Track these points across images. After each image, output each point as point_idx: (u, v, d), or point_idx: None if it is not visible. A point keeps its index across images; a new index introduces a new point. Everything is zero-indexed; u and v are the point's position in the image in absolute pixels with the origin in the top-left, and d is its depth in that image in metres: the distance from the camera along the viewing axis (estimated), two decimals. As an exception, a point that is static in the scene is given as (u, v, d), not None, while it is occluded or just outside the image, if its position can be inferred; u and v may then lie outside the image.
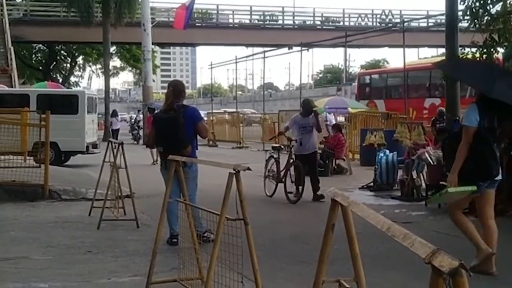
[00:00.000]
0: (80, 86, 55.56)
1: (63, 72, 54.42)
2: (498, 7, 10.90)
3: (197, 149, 7.75)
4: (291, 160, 11.60)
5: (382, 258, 6.63)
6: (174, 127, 7.29)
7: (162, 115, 7.69)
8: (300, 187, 11.21)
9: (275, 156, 12.31)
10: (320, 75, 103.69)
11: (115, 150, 8.74)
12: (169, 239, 7.25)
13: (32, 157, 12.73)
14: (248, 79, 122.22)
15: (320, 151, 16.18)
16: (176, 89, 7.60)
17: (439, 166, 10.79)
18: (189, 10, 34.51)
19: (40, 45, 50.63)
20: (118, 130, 33.64)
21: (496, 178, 6.08)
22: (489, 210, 6.30)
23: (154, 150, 19.59)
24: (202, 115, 9.57)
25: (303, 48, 31.50)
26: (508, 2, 10.90)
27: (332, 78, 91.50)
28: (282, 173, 11.74)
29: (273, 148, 12.85)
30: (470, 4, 10.64)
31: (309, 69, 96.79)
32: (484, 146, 5.91)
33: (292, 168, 11.47)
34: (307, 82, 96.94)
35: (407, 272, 6.01)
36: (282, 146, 13.01)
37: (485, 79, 6.20)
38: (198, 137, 7.73)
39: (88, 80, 71.97)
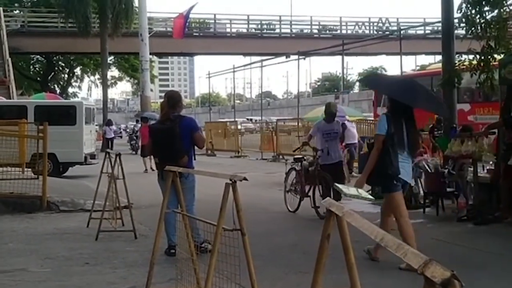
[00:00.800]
0: (78, 97, 55.60)
1: (61, 83, 54.45)
2: (494, 14, 10.95)
3: (194, 159, 7.76)
4: (317, 172, 10.60)
5: (379, 266, 6.63)
6: (170, 138, 7.31)
7: (158, 126, 7.73)
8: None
9: (297, 168, 11.43)
10: (318, 83, 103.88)
11: (112, 161, 8.74)
12: (167, 249, 7.25)
13: (30, 169, 12.73)
14: (246, 88, 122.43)
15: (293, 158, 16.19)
16: (171, 100, 7.62)
17: (437, 173, 10.81)
18: (186, 19, 34.70)
19: (38, 56, 50.72)
20: (112, 139, 33.56)
21: (401, 182, 6.75)
22: (402, 209, 6.94)
23: (147, 158, 20.04)
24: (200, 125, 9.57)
25: (300, 57, 31.58)
26: (503, 9, 10.95)
27: (330, 86, 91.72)
28: (306, 187, 10.86)
29: (295, 159, 12.01)
30: (466, 11, 10.69)
31: (307, 77, 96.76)
32: (389, 153, 6.59)
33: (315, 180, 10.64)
34: (305, 90, 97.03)
35: (403, 280, 6.00)
36: (305, 158, 11.76)
37: (407, 92, 6.94)
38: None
39: (88, 91, 72.15)
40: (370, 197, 5.77)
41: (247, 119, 32.90)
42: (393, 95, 6.99)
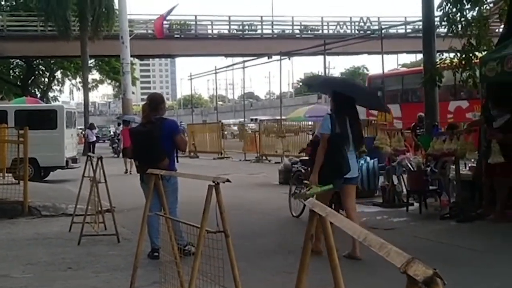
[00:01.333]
0: (59, 101, 55.18)
1: (42, 87, 54.01)
2: (474, 12, 11.04)
3: (177, 161, 7.72)
4: None
5: (364, 264, 6.63)
6: (150, 140, 7.28)
7: (138, 129, 7.76)
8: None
9: (303, 171, 10.77)
10: (301, 84, 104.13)
11: (94, 165, 8.68)
12: (150, 253, 7.20)
13: (11, 174, 12.61)
14: (229, 89, 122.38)
15: (299, 160, 16.21)
16: (153, 102, 7.62)
17: (420, 171, 10.87)
18: (165, 19, 34.70)
19: (18, 60, 50.21)
20: (94, 142, 33.43)
21: (349, 176, 7.12)
22: (350, 202, 7.35)
23: (128, 160, 20.23)
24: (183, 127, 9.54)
25: (282, 57, 31.59)
26: (483, 7, 11.05)
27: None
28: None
29: (302, 161, 11.23)
30: (447, 10, 10.76)
31: (289, 78, 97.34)
32: (336, 150, 6.99)
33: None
34: (287, 91, 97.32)
35: (389, 278, 6.00)
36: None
37: (349, 88, 7.62)
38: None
39: (70, 94, 71.69)
40: (329, 187, 6.33)
41: (252, 119, 32.28)
42: (336, 88, 7.53)
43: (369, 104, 8.93)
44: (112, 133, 40.42)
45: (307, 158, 10.38)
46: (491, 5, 11.77)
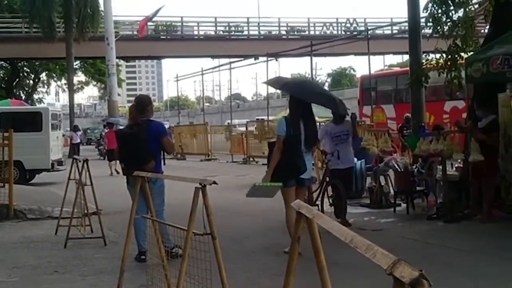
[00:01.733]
0: (44, 103, 54.85)
1: (26, 89, 53.73)
2: (460, 13, 11.10)
3: (164, 164, 7.69)
4: (327, 179, 9.81)
5: (352, 266, 6.62)
6: (136, 142, 7.25)
7: (124, 131, 7.76)
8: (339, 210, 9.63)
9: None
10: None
11: (80, 167, 8.62)
12: (137, 255, 7.16)
13: (-4, 177, 12.49)
14: (215, 91, 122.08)
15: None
16: (139, 104, 7.59)
17: (407, 172, 10.90)
18: (150, 20, 34.68)
19: (2, 62, 49.91)
20: (78, 144, 33.26)
21: (304, 176, 7.45)
22: (302, 200, 7.27)
23: (112, 162, 20.60)
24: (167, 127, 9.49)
25: (269, 58, 31.60)
26: (469, 8, 11.11)
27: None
28: (314, 195, 9.93)
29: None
30: (432, 11, 10.81)
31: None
32: (291, 150, 7.31)
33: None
34: (274, 92, 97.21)
35: (376, 280, 6.00)
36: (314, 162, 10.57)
37: (304, 90, 7.94)
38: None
39: (56, 96, 71.30)
40: (279, 184, 7.02)
41: (257, 119, 31.70)
42: (292, 92, 7.95)
43: (325, 105, 9.04)
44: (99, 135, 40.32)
45: None
46: (476, 6, 11.84)
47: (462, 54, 10.96)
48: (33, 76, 52.90)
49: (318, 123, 9.14)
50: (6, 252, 8.12)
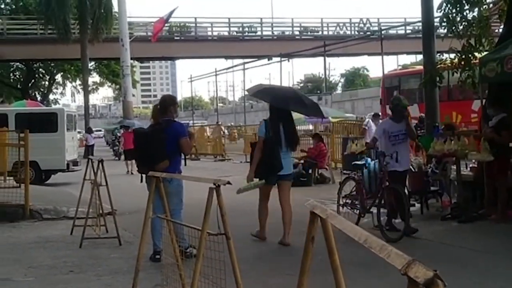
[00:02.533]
0: (59, 104, 55.22)
1: (42, 90, 54.10)
2: (475, 12, 11.04)
3: (185, 164, 7.76)
4: (387, 182, 8.68)
5: (366, 266, 6.62)
6: (150, 141, 7.32)
7: (141, 130, 7.87)
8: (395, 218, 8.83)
9: (356, 177, 9.67)
10: (301, 85, 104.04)
11: (95, 167, 8.67)
12: (152, 255, 7.19)
13: (12, 177, 12.60)
14: (229, 91, 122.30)
15: (302, 161, 16.21)
16: (161, 104, 7.70)
17: (421, 172, 10.86)
18: (166, 22, 34.71)
19: (18, 64, 50.30)
20: (93, 145, 33.57)
21: (283, 173, 8.17)
22: (283, 196, 8.40)
23: (129, 161, 21.63)
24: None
25: (282, 59, 31.64)
26: (483, 7, 11.06)
27: (312, 87, 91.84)
28: (367, 200, 9.28)
29: (355, 166, 10.20)
30: (446, 11, 10.76)
31: (290, 79, 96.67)
32: (269, 150, 8.04)
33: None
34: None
35: (390, 280, 6.00)
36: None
37: (283, 99, 8.57)
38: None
39: (72, 97, 71.69)
40: (261, 182, 7.73)
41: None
42: (269, 100, 8.74)
43: (306, 112, 10.06)
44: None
45: (361, 163, 10.03)
46: (491, 5, 11.78)
47: (476, 54, 10.89)
48: (48, 77, 53.25)
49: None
50: (22, 252, 8.18)
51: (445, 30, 11.17)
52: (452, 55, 11.33)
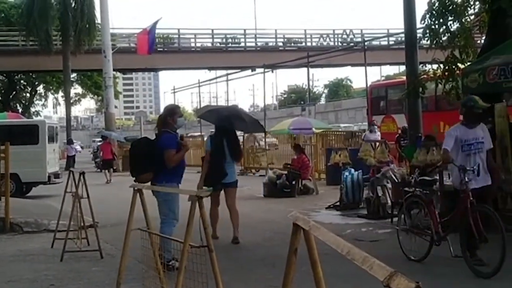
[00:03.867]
0: (41, 116, 54.82)
1: (23, 102, 53.66)
2: (457, 24, 11.11)
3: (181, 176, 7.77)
4: (470, 203, 6.91)
5: (350, 277, 6.59)
6: (137, 153, 7.64)
7: (133, 143, 8.23)
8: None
9: (424, 197, 7.88)
10: (285, 96, 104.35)
11: (76, 180, 8.59)
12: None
13: (-8, 190, 12.43)
14: (213, 102, 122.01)
15: (285, 172, 16.21)
16: (161, 115, 8.04)
17: (404, 183, 10.88)
18: (151, 35, 34.54)
19: (-1, 75, 49.91)
20: (73, 156, 33.83)
21: (227, 181, 9.32)
22: (230, 201, 9.50)
23: (107, 171, 23.58)
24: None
25: (266, 70, 31.65)
26: (464, 19, 11.13)
27: (296, 98, 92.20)
28: (437, 225, 7.46)
29: (423, 183, 8.30)
30: (429, 22, 10.82)
31: (273, 90, 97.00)
32: (214, 162, 9.25)
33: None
34: (271, 103, 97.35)
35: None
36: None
37: (224, 119, 9.83)
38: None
39: (54, 108, 71.23)
40: (210, 189, 8.01)
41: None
42: (215, 123, 10.18)
43: (246, 128, 11.77)
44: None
45: (430, 179, 8.59)
46: (472, 16, 11.87)
47: (460, 65, 10.96)
48: (30, 89, 52.86)
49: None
50: (2, 266, 8.06)
51: (429, 42, 11.22)
52: (435, 66, 11.39)
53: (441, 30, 10.90)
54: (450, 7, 10.77)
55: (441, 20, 10.80)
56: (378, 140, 15.87)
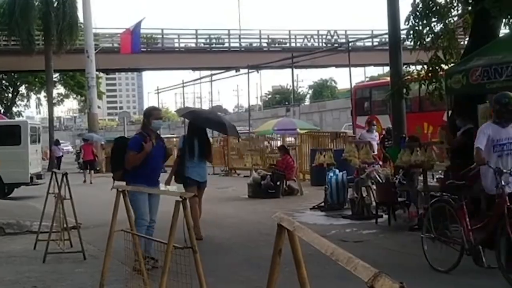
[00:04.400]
0: (23, 116, 54.35)
1: (5, 102, 53.16)
2: (441, 25, 11.17)
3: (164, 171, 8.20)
4: (507, 209, 6.26)
5: (335, 278, 6.59)
6: (113, 149, 8.13)
7: (116, 138, 8.95)
8: None
9: (454, 202, 7.06)
10: (269, 96, 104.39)
11: (59, 181, 8.52)
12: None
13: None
14: (197, 103, 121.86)
15: (270, 173, 16.20)
16: (143, 120, 8.14)
17: (388, 183, 10.92)
18: (135, 34, 34.42)
19: (-20, 76, 49.42)
20: (60, 157, 34.04)
21: (201, 180, 9.73)
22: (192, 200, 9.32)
23: (86, 171, 24.08)
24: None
25: (250, 70, 31.66)
26: (448, 20, 11.19)
27: (280, 98, 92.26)
28: (468, 232, 6.74)
29: (454, 188, 7.36)
30: (413, 24, 10.87)
31: (258, 91, 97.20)
32: (183, 161, 9.57)
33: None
34: (256, 104, 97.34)
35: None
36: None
37: (203, 119, 10.42)
38: None
39: (37, 109, 70.56)
40: (179, 185, 9.00)
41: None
42: (191, 120, 10.55)
43: (224, 130, 11.81)
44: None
45: (462, 183, 7.21)
46: (456, 18, 11.94)
47: (444, 66, 11.01)
48: (12, 89, 52.39)
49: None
50: (-17, 268, 7.97)
51: (412, 43, 11.27)
52: (419, 67, 11.44)
53: (424, 31, 10.96)
54: (434, 9, 10.84)
55: (424, 21, 10.86)
56: (374, 139, 15.94)
